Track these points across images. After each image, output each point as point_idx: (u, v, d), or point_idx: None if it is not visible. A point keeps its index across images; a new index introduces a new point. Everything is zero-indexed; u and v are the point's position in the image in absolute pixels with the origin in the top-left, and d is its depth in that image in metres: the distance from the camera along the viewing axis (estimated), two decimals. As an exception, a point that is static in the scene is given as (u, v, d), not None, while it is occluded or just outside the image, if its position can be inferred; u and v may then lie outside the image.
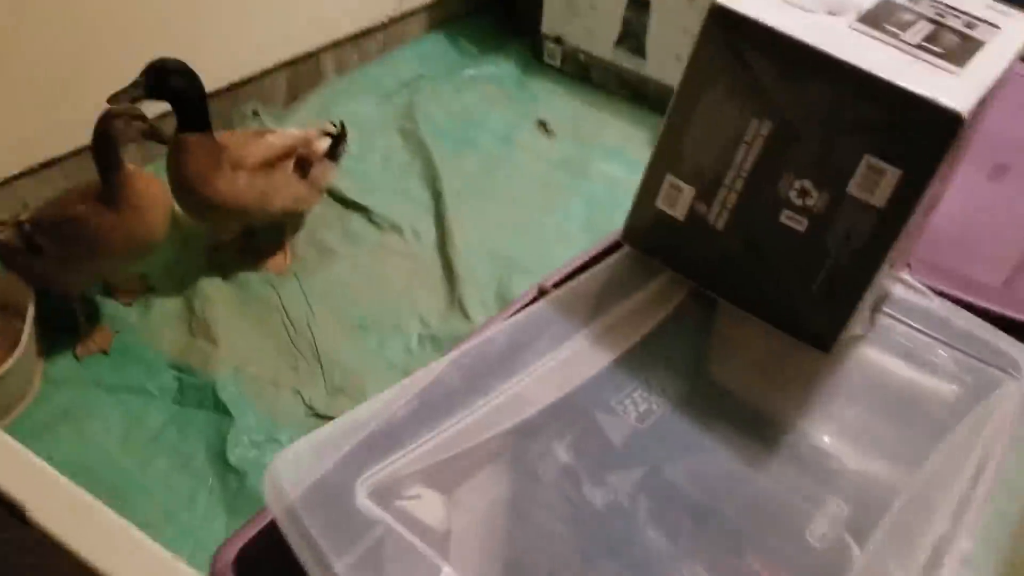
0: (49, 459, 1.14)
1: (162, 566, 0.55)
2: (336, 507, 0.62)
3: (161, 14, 1.46)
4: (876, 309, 0.90)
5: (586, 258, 0.96)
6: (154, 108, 1.21)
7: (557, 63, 2.05)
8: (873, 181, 0.74)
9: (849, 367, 0.86)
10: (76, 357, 1.29)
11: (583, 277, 0.89)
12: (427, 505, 0.70)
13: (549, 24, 2.02)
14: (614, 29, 1.93)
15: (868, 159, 0.74)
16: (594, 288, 0.89)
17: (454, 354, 0.76)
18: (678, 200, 0.87)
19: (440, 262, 1.50)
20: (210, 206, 1.30)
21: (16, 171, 1.38)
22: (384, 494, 0.66)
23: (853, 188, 0.75)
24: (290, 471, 0.61)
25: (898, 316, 0.90)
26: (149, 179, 1.21)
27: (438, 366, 0.74)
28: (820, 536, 0.71)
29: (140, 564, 0.55)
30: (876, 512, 0.72)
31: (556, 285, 0.90)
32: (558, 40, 2.03)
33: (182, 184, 1.28)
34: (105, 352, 1.30)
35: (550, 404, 0.75)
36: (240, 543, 0.67)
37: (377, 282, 1.46)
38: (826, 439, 0.83)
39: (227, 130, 1.50)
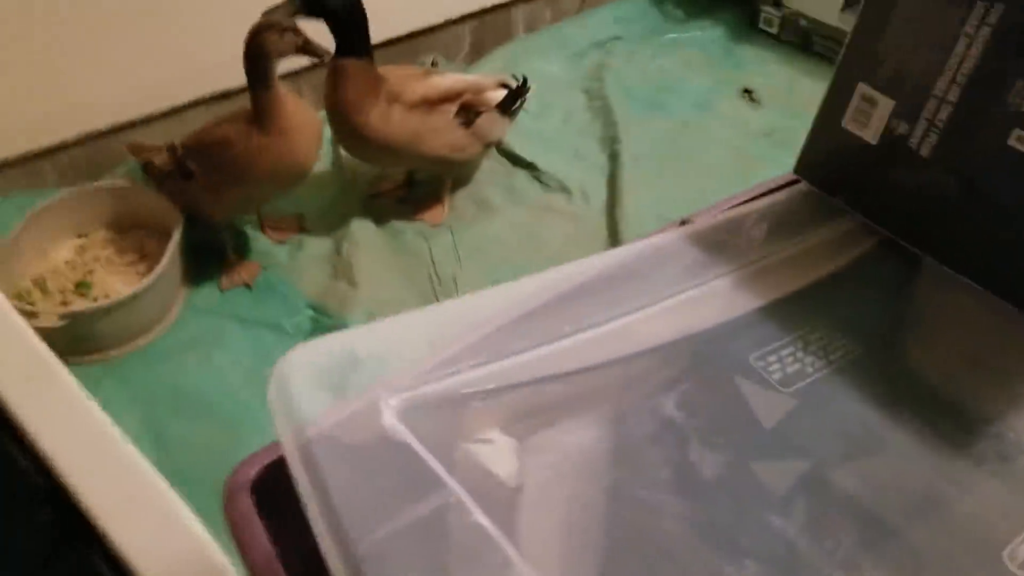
0: (173, 385, 1.11)
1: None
2: (379, 451, 0.49)
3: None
4: None
5: (748, 196, 0.77)
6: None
7: (774, 30, 1.84)
8: None
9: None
10: (220, 288, 1.25)
11: (738, 211, 0.72)
12: (498, 453, 0.56)
13: (768, -14, 1.81)
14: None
15: None
16: (750, 225, 0.71)
17: (553, 272, 0.61)
18: (871, 117, 0.67)
19: (606, 227, 1.35)
20: (359, 137, 1.22)
21: (187, 100, 1.37)
22: (445, 431, 0.53)
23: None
24: (302, 386, 0.49)
25: None
26: (300, 103, 1.16)
27: (530, 282, 0.59)
28: (1021, 563, 0.49)
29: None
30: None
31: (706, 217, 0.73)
32: (777, 4, 1.81)
33: (335, 111, 1.21)
34: (249, 286, 1.25)
35: (663, 344, 0.58)
36: (264, 461, 0.56)
37: (533, 242, 1.33)
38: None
39: (400, 74, 1.43)
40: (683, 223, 0.73)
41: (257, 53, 1.09)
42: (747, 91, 1.68)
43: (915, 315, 0.71)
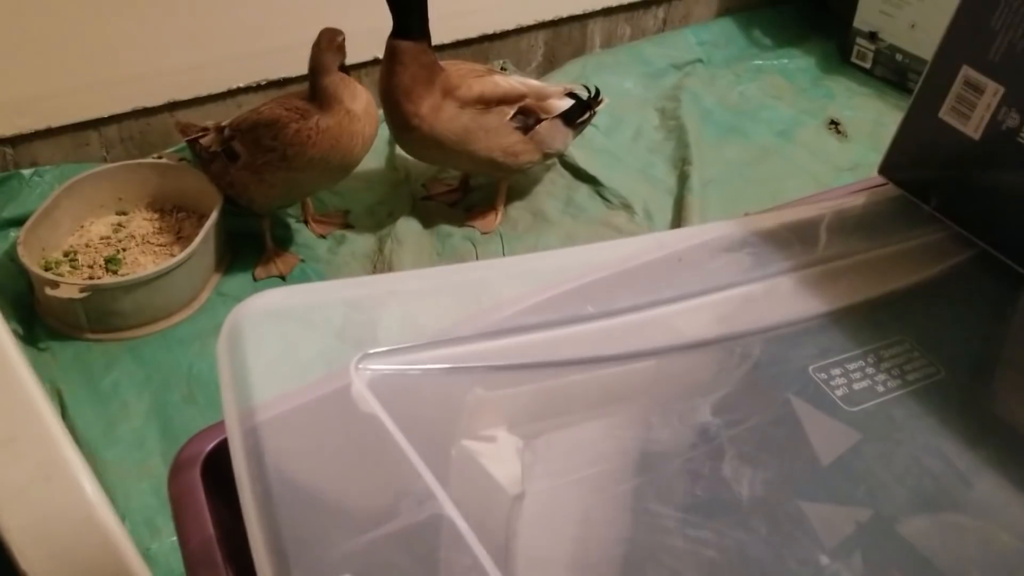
0: (188, 369, 1.05)
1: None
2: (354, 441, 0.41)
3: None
4: None
5: (824, 198, 0.67)
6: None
7: (867, 64, 1.73)
8: None
9: None
10: (254, 278, 1.20)
11: (808, 210, 0.62)
12: (501, 453, 0.47)
13: (863, 17, 1.71)
14: (946, 22, 1.57)
15: None
16: (821, 225, 0.61)
17: (585, 250, 0.52)
18: (975, 107, 0.57)
19: (668, 247, 1.25)
20: (408, 127, 1.16)
21: (243, 84, 1.33)
22: (437, 421, 0.44)
23: None
24: (258, 341, 0.41)
25: None
26: (360, 90, 1.11)
27: (556, 257, 0.51)
28: None
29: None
30: None
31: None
32: (872, 36, 1.70)
33: (387, 95, 1.15)
34: (283, 278, 1.20)
35: (704, 341, 0.49)
36: (220, 435, 0.48)
37: (589, 257, 1.24)
38: None
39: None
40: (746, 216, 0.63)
41: (328, 45, 1.10)
42: (834, 122, 1.57)
43: (1013, 340, 0.60)
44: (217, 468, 0.47)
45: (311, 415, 0.41)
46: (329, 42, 1.09)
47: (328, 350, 0.42)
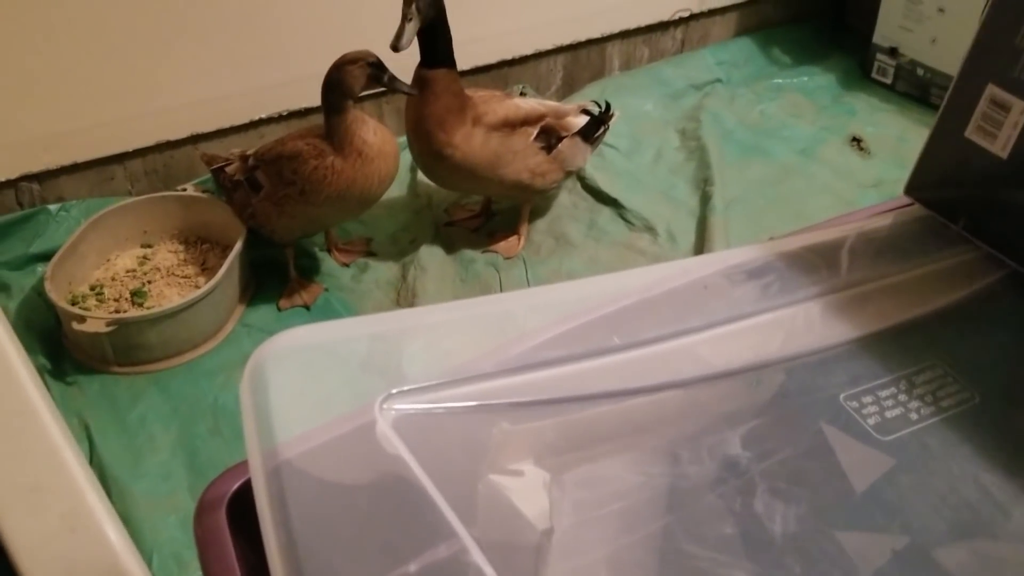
0: (214, 401, 1.05)
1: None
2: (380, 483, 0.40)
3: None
4: None
5: (850, 220, 0.66)
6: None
7: (888, 79, 1.71)
8: None
9: None
10: (278, 308, 1.20)
11: (835, 232, 0.61)
12: (528, 488, 0.46)
13: (883, 33, 1.70)
14: (967, 37, 1.55)
15: None
16: (847, 247, 0.60)
17: (610, 279, 0.52)
18: (1002, 126, 0.56)
19: (692, 269, 1.24)
20: (440, 156, 1.16)
21: (264, 115, 1.35)
22: (463, 456, 0.44)
23: None
24: (283, 380, 0.41)
25: None
26: (380, 129, 1.11)
27: (581, 286, 0.51)
28: None
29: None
30: None
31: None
32: (893, 52, 1.69)
33: (418, 125, 1.15)
34: (307, 307, 1.20)
35: (732, 371, 0.48)
36: (243, 476, 0.48)
37: (612, 280, 1.24)
38: None
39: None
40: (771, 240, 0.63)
41: (336, 83, 1.07)
42: (856, 139, 1.56)
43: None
44: (243, 507, 0.47)
45: (335, 455, 0.41)
46: (348, 76, 1.07)
47: (352, 388, 0.42)
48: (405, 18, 1.07)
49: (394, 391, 0.41)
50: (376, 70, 1.08)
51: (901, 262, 0.59)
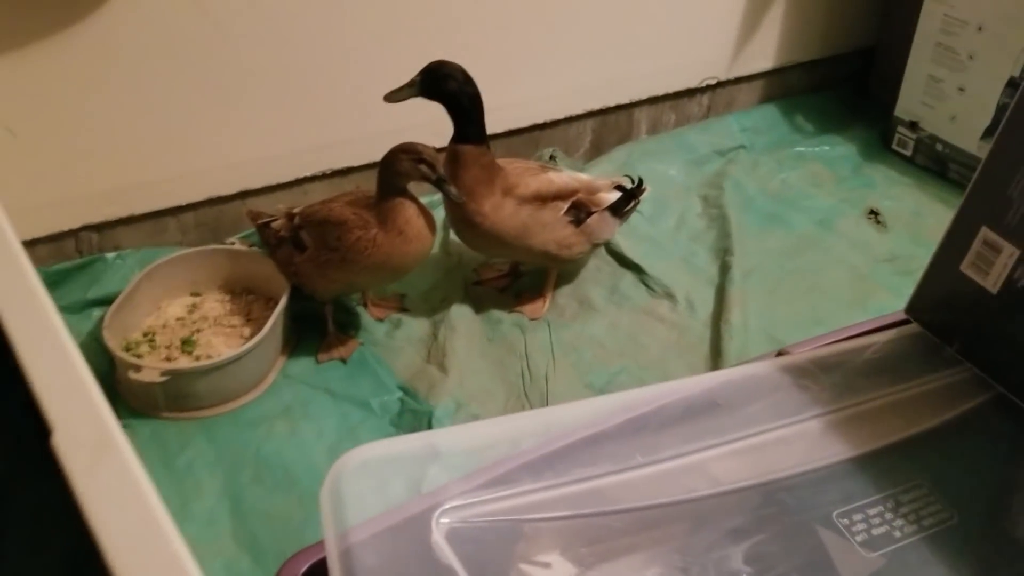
0: (256, 451, 1.12)
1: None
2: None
3: (469, 43, 1.45)
4: None
5: (853, 332, 0.73)
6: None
7: (908, 152, 1.78)
8: None
9: None
10: (316, 360, 1.27)
11: (839, 348, 0.68)
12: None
13: (905, 107, 1.76)
14: (984, 118, 1.63)
15: None
16: (850, 364, 0.67)
17: (630, 396, 0.58)
18: (993, 264, 0.63)
19: (709, 339, 1.31)
20: (470, 224, 1.23)
21: (308, 174, 1.43)
22: (498, 550, 0.50)
23: None
24: (356, 483, 0.48)
25: None
26: (421, 210, 1.18)
27: (603, 403, 0.57)
28: None
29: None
30: None
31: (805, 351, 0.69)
32: (913, 126, 1.75)
33: None
34: (344, 361, 1.27)
35: (739, 488, 0.55)
36: (318, 555, 0.54)
37: (632, 347, 1.30)
38: None
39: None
40: (779, 354, 0.69)
41: (389, 169, 1.15)
42: (873, 212, 1.62)
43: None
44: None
45: (396, 554, 0.48)
46: (398, 164, 1.14)
47: (414, 495, 0.49)
48: (409, 83, 1.17)
49: (446, 506, 0.47)
50: (425, 167, 1.15)
51: (898, 381, 0.66)
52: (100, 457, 0.47)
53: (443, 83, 1.17)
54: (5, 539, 0.70)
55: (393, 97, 1.16)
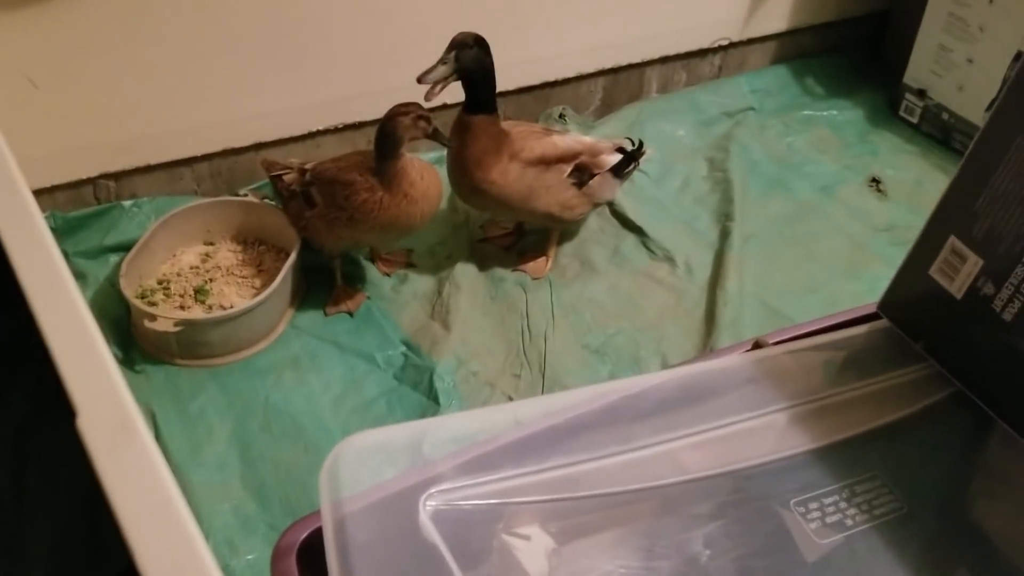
0: (265, 399, 1.17)
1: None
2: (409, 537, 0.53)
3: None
4: None
5: (827, 323, 0.77)
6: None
7: (914, 119, 1.79)
8: None
9: None
10: (325, 312, 1.32)
11: (813, 341, 0.72)
12: (533, 551, 0.58)
13: (914, 74, 1.77)
14: (991, 90, 1.63)
15: None
16: (822, 358, 0.71)
17: (607, 387, 0.63)
18: (958, 272, 0.66)
19: (704, 303, 1.35)
20: (477, 191, 1.27)
21: (321, 127, 1.46)
22: (480, 527, 0.56)
23: None
24: (352, 465, 0.53)
25: None
26: (425, 170, 1.22)
27: (582, 394, 0.62)
28: None
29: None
30: None
31: (779, 344, 0.74)
32: (921, 94, 1.76)
33: (458, 164, 1.26)
34: (351, 314, 1.32)
35: (705, 476, 0.60)
36: (314, 524, 0.60)
37: (630, 309, 1.34)
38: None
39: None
40: (755, 346, 0.73)
41: (389, 132, 1.17)
42: (875, 180, 1.64)
43: (978, 478, 0.69)
44: (311, 553, 0.59)
45: (385, 528, 0.53)
46: (400, 126, 1.16)
47: (403, 483, 0.54)
48: (441, 60, 1.17)
49: (433, 490, 0.53)
50: (423, 121, 1.18)
51: (867, 376, 0.70)
52: (120, 438, 0.52)
53: (467, 56, 1.18)
54: (25, 474, 0.76)
55: (427, 78, 1.15)
